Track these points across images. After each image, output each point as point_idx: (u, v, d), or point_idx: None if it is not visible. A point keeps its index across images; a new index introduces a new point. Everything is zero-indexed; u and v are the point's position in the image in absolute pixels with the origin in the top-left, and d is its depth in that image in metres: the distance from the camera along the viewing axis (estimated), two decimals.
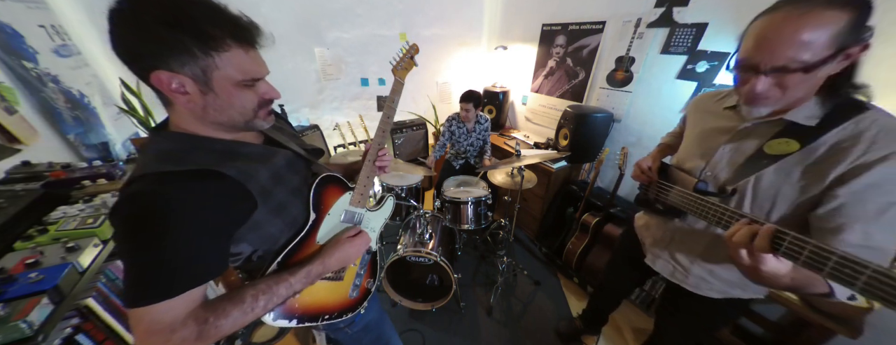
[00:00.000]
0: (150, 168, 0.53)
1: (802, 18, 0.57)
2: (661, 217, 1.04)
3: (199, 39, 0.48)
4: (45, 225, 0.89)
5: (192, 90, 0.51)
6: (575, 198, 2.32)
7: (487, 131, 2.45)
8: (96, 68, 1.68)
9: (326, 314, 0.83)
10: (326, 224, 0.77)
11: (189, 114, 0.56)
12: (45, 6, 1.43)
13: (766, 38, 0.61)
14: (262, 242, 0.66)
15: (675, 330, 1.24)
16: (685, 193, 0.87)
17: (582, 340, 1.80)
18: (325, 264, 0.71)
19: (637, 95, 2.06)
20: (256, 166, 0.61)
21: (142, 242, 0.49)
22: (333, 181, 0.79)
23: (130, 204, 0.50)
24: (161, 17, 0.45)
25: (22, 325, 0.63)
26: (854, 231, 0.62)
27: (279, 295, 0.63)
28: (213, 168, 0.55)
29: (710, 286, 0.95)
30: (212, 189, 0.54)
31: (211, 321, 0.53)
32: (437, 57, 3.05)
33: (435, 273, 1.84)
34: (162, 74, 0.48)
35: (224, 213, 0.56)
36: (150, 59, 0.47)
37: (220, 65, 0.51)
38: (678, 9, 1.73)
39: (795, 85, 0.63)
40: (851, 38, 0.58)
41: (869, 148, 0.62)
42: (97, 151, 1.45)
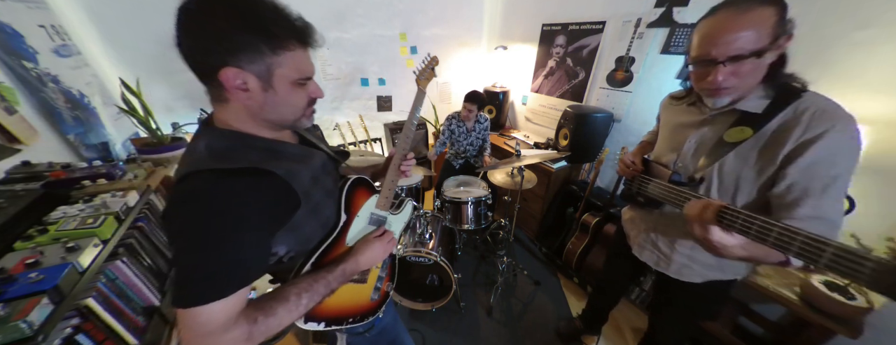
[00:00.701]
0: (205, 165, 0.52)
1: (744, 15, 0.69)
2: (643, 209, 1.12)
3: (269, 39, 0.50)
4: (45, 225, 0.89)
5: (254, 87, 0.52)
6: (575, 198, 2.32)
7: (487, 131, 2.45)
8: (96, 68, 1.68)
9: (350, 318, 0.83)
10: (355, 226, 0.78)
11: (243, 111, 0.56)
12: (45, 6, 1.43)
13: (717, 35, 0.72)
14: (297, 244, 0.66)
15: (667, 321, 1.28)
16: (661, 185, 0.97)
17: (582, 340, 1.80)
18: (358, 262, 0.72)
19: (637, 95, 2.06)
20: (299, 166, 0.62)
21: (201, 239, 0.49)
22: (362, 184, 0.80)
23: (190, 201, 0.50)
24: (234, 16, 0.48)
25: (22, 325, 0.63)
26: (806, 205, 0.72)
27: (319, 293, 0.64)
28: (264, 167, 0.55)
29: (692, 271, 1.03)
30: (264, 188, 0.55)
31: (260, 321, 0.53)
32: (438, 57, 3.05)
33: (435, 273, 1.84)
34: (230, 71, 0.50)
35: (272, 212, 0.57)
36: (220, 56, 0.49)
37: (282, 63, 0.53)
38: (678, 9, 1.73)
39: (749, 72, 0.73)
40: (781, 30, 0.69)
41: (807, 127, 0.71)
42: (97, 151, 1.44)
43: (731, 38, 0.69)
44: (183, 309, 0.48)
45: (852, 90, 1.26)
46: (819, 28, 1.31)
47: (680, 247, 1.03)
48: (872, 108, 1.22)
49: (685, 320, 1.25)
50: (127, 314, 0.92)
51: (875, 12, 1.18)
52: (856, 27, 1.23)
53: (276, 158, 0.59)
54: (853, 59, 1.25)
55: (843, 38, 1.26)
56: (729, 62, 0.72)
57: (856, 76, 1.25)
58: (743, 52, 0.70)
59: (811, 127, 0.71)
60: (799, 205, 0.72)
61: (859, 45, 1.23)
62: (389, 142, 3.01)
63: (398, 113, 3.10)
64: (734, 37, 0.69)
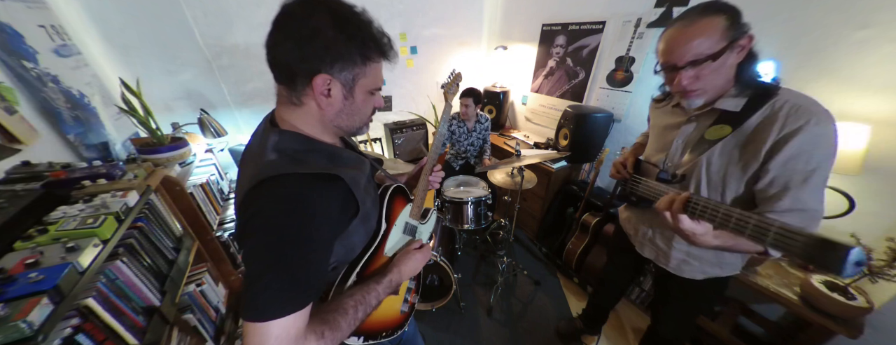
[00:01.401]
0: (286, 168, 0.51)
1: (692, 26, 0.76)
2: (636, 208, 1.17)
3: (364, 52, 0.53)
4: (45, 225, 0.88)
5: (336, 94, 0.55)
6: (575, 198, 2.32)
7: (487, 131, 2.45)
8: (96, 68, 1.68)
9: (384, 331, 0.80)
10: (393, 235, 0.77)
11: (315, 115, 0.57)
12: (45, 6, 1.42)
13: (674, 45, 0.79)
14: (345, 253, 0.65)
15: (668, 318, 1.29)
16: (649, 183, 1.01)
17: (582, 339, 1.80)
18: (401, 273, 0.71)
19: (637, 95, 2.06)
20: (356, 173, 0.61)
21: (279, 247, 0.47)
22: (401, 192, 0.80)
23: (270, 207, 0.48)
24: (340, 27, 0.50)
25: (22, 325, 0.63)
26: (787, 198, 0.76)
27: (371, 305, 0.62)
28: (334, 172, 0.55)
29: (691, 268, 1.07)
30: (336, 194, 0.55)
31: (327, 335, 0.52)
32: (437, 57, 3.05)
33: (435, 273, 1.84)
34: (322, 78, 0.52)
35: (339, 219, 0.57)
36: (319, 62, 0.51)
37: (366, 74, 0.56)
38: (678, 9, 1.73)
39: (710, 73, 0.79)
40: (736, 33, 0.74)
41: (785, 123, 0.75)
42: (97, 151, 1.44)
43: (686, 47, 0.76)
44: (257, 323, 0.45)
45: (852, 90, 1.26)
46: (819, 28, 1.31)
47: (677, 242, 1.06)
48: (872, 108, 1.22)
49: (685, 317, 1.27)
50: (127, 314, 0.92)
51: (875, 12, 1.18)
52: (856, 27, 1.23)
53: (339, 163, 0.59)
54: (853, 60, 1.25)
55: (844, 39, 1.26)
56: (689, 66, 0.78)
57: (856, 76, 1.25)
58: (698, 57, 0.76)
59: (788, 122, 0.74)
60: (780, 198, 0.77)
61: (859, 45, 1.23)
62: (389, 142, 3.01)
63: (398, 113, 3.10)
64: (688, 46, 0.76)
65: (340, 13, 0.51)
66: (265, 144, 0.55)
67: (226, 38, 2.09)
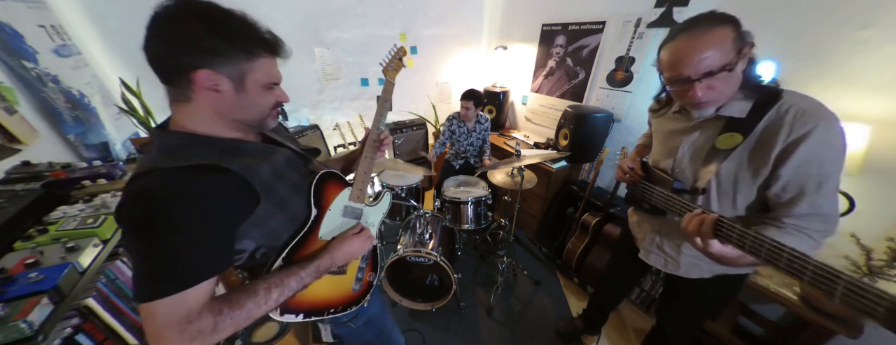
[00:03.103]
0: (155, 164, 0.54)
1: (704, 37, 0.73)
2: (647, 214, 1.14)
3: (242, 48, 0.56)
4: (45, 225, 0.89)
5: (226, 89, 0.57)
6: (575, 198, 2.32)
7: (487, 131, 2.45)
8: (96, 68, 1.68)
9: (331, 308, 0.84)
10: (328, 220, 0.79)
11: (209, 111, 0.59)
12: (45, 6, 1.42)
13: (684, 58, 0.76)
14: (265, 239, 0.68)
15: (677, 316, 1.28)
16: (665, 194, 0.99)
17: (582, 340, 1.80)
18: (333, 258, 0.74)
19: (637, 95, 2.06)
20: (258, 162, 0.64)
21: (150, 237, 0.50)
22: (333, 177, 0.81)
23: (137, 200, 0.52)
24: (209, 25, 0.53)
25: (22, 325, 0.63)
26: (803, 203, 0.76)
27: (291, 288, 0.65)
28: (215, 163, 0.57)
29: (701, 269, 1.05)
30: (215, 183, 0.56)
31: (226, 312, 0.55)
32: (437, 57, 3.05)
33: (435, 273, 1.84)
34: (203, 73, 0.54)
35: (228, 206, 0.58)
36: (196, 59, 0.53)
37: (255, 69, 0.59)
38: (678, 9, 1.73)
39: (724, 83, 0.77)
40: (741, 42, 0.74)
41: (792, 128, 0.74)
42: (97, 151, 1.44)
43: (698, 59, 0.74)
44: (143, 303, 0.49)
45: (852, 90, 1.26)
46: (819, 28, 1.31)
47: (686, 249, 1.04)
48: (872, 108, 1.22)
49: (694, 315, 1.25)
50: (127, 314, 0.92)
51: (875, 12, 1.18)
52: (856, 27, 1.23)
53: (232, 154, 0.61)
54: (853, 60, 1.25)
55: (844, 39, 1.26)
56: (704, 78, 0.76)
57: (856, 76, 1.25)
58: (713, 69, 0.74)
59: (796, 127, 0.73)
60: (796, 203, 0.76)
61: (859, 46, 1.23)
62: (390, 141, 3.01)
63: (398, 113, 3.10)
64: (700, 58, 0.73)
65: (212, 14, 0.54)
66: (151, 147, 0.59)
67: None
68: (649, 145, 1.22)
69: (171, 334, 0.50)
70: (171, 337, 0.50)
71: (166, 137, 0.59)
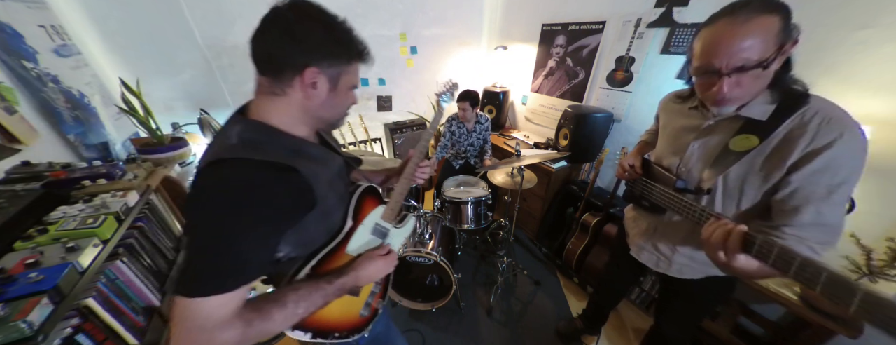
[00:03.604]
0: (237, 153, 0.53)
1: (747, 24, 0.66)
2: (647, 212, 1.11)
3: (348, 52, 0.61)
4: (45, 225, 0.89)
5: (322, 88, 0.60)
6: (575, 198, 2.32)
7: (488, 131, 2.45)
8: (96, 68, 1.68)
9: (337, 332, 0.79)
10: (358, 234, 0.76)
11: (296, 106, 0.61)
12: (45, 6, 1.42)
13: (720, 46, 0.69)
14: (300, 246, 0.66)
15: (673, 316, 1.28)
16: (666, 192, 0.96)
17: (582, 339, 1.80)
18: (358, 276, 0.70)
19: (637, 95, 2.06)
20: (319, 168, 0.64)
21: (223, 229, 0.49)
22: (372, 192, 0.81)
23: (221, 187, 0.50)
24: (326, 29, 0.57)
25: (22, 325, 0.63)
26: (808, 211, 0.71)
27: (315, 304, 0.62)
28: (290, 163, 0.56)
29: (692, 270, 1.04)
30: (287, 184, 0.56)
31: (256, 324, 0.52)
32: (437, 57, 3.05)
33: (435, 273, 1.84)
34: (311, 71, 0.57)
35: (289, 210, 0.57)
36: (309, 57, 0.56)
37: (349, 72, 0.63)
38: (678, 9, 1.73)
39: (753, 81, 0.72)
40: (786, 36, 0.67)
41: (814, 137, 0.70)
42: (97, 151, 1.44)
43: (735, 49, 0.67)
44: (186, 298, 0.47)
45: (852, 90, 1.26)
46: (820, 28, 1.31)
47: (682, 249, 1.03)
48: (872, 108, 1.22)
49: (691, 316, 1.25)
50: (127, 314, 0.92)
51: (875, 13, 1.18)
52: (856, 27, 1.23)
53: (299, 156, 0.60)
54: (854, 60, 1.25)
55: (844, 39, 1.26)
56: (734, 73, 0.70)
57: (856, 76, 1.25)
58: (748, 63, 0.67)
59: (819, 136, 0.69)
60: (800, 211, 0.72)
61: (860, 46, 1.23)
62: (389, 142, 3.01)
63: (398, 113, 3.10)
64: (738, 47, 0.66)
65: (327, 18, 0.58)
66: (230, 131, 0.58)
67: (226, 38, 2.09)
68: (652, 143, 1.20)
69: (200, 340, 0.47)
70: (198, 342, 0.47)
71: (248, 126, 0.59)
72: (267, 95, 0.59)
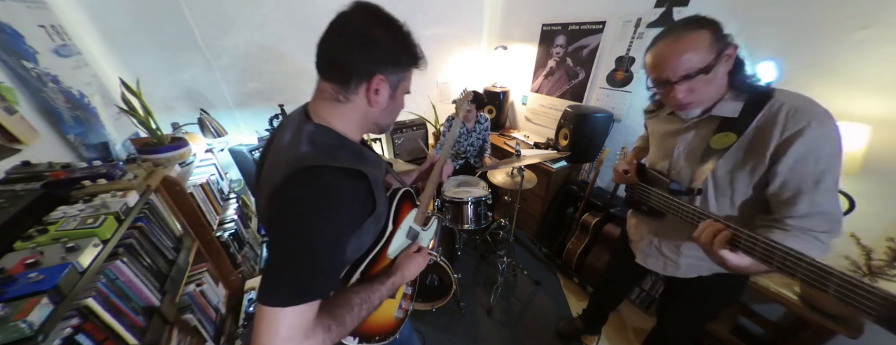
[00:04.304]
0: (324, 160, 0.53)
1: (680, 42, 0.77)
2: (645, 216, 1.14)
3: (410, 60, 0.62)
4: (45, 225, 0.88)
5: (384, 93, 0.60)
6: (575, 198, 2.32)
7: (487, 131, 2.45)
8: (96, 68, 1.68)
9: (377, 336, 0.79)
10: (397, 238, 0.77)
11: (356, 112, 0.61)
12: (45, 6, 1.42)
13: (663, 62, 0.79)
14: (354, 250, 0.65)
15: (676, 320, 1.28)
16: (661, 195, 0.99)
17: (582, 340, 1.80)
18: (404, 275, 0.72)
19: (637, 95, 2.06)
20: (377, 173, 0.63)
21: (309, 234, 0.48)
22: (408, 197, 0.81)
23: (307, 195, 0.49)
24: (393, 36, 0.58)
25: (22, 325, 0.63)
26: (803, 201, 0.76)
27: (372, 304, 0.63)
28: (360, 169, 0.56)
29: (701, 268, 1.06)
30: (359, 189, 0.57)
31: (333, 330, 0.52)
32: (437, 57, 3.04)
33: (435, 273, 1.84)
34: (378, 78, 0.57)
35: (360, 214, 0.59)
36: (379, 65, 0.57)
37: (407, 78, 0.64)
38: (678, 9, 1.73)
39: (704, 85, 0.80)
40: (721, 46, 0.76)
41: (785, 125, 0.75)
42: (97, 151, 1.44)
43: (677, 62, 0.77)
44: (274, 308, 0.45)
45: (852, 90, 1.26)
46: (819, 28, 1.31)
47: (686, 250, 1.04)
48: (872, 108, 1.22)
49: (694, 317, 1.25)
50: (127, 314, 0.92)
51: (875, 12, 1.18)
52: (856, 27, 1.23)
53: (362, 161, 0.61)
54: (853, 60, 1.25)
55: (844, 39, 1.26)
56: (682, 80, 0.79)
57: (856, 76, 1.25)
58: (691, 72, 0.77)
59: (789, 125, 0.74)
60: (796, 202, 0.76)
61: (859, 46, 1.23)
62: (389, 142, 3.01)
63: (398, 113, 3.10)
64: (678, 61, 0.76)
65: (393, 24, 0.58)
66: (300, 135, 0.57)
67: (226, 38, 2.09)
68: (646, 148, 1.23)
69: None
70: None
71: (319, 132, 0.58)
72: (330, 101, 0.59)
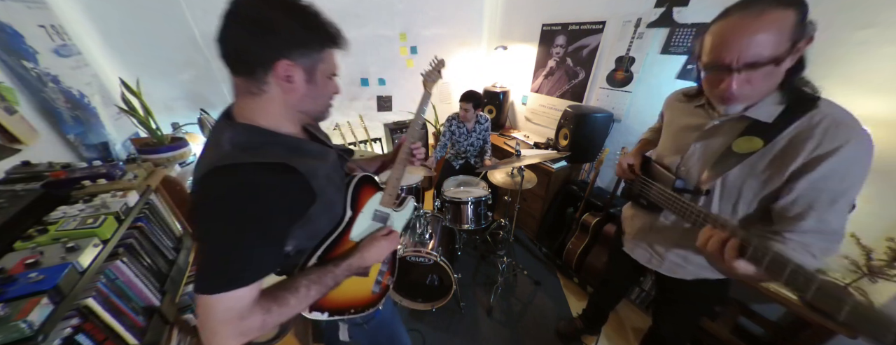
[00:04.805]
0: (234, 159, 0.54)
1: (759, 18, 0.63)
2: (644, 211, 1.11)
3: (319, 39, 0.58)
4: (45, 225, 0.88)
5: (299, 80, 0.58)
6: (575, 198, 2.32)
7: (487, 131, 2.45)
8: (96, 68, 1.68)
9: (353, 308, 0.87)
10: (359, 222, 0.81)
11: (278, 103, 0.59)
12: (45, 6, 1.42)
13: (731, 40, 0.66)
14: (307, 237, 0.70)
15: (670, 317, 1.29)
16: (664, 192, 0.95)
17: (582, 340, 1.80)
18: (363, 257, 0.75)
19: (637, 95, 2.06)
20: (318, 164, 0.66)
21: (229, 230, 0.52)
22: (368, 181, 0.83)
23: (222, 193, 0.52)
24: (294, 17, 0.54)
25: (22, 325, 0.63)
26: (811, 218, 0.70)
27: (326, 285, 0.67)
28: (287, 162, 0.58)
29: (684, 271, 1.04)
30: (285, 183, 0.57)
31: (274, 310, 0.57)
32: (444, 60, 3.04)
33: (435, 273, 1.84)
34: (283, 64, 0.55)
35: (292, 207, 0.60)
36: (278, 49, 0.54)
37: (324, 59, 0.60)
38: (678, 9, 1.73)
39: (763, 79, 0.69)
40: (800, 33, 0.64)
41: (821, 142, 0.67)
42: (97, 151, 1.44)
43: (746, 44, 0.64)
44: (206, 296, 0.51)
45: (852, 90, 1.26)
46: (820, 28, 1.31)
47: (677, 248, 1.03)
48: (872, 108, 1.22)
49: (687, 316, 1.25)
50: (127, 314, 0.92)
51: (876, 12, 1.18)
52: (857, 27, 1.22)
53: (298, 154, 0.62)
54: (854, 60, 1.25)
55: (844, 39, 1.26)
56: (744, 69, 0.67)
57: (856, 76, 1.25)
58: (760, 59, 0.65)
59: (825, 142, 0.67)
60: (803, 218, 0.71)
61: (860, 46, 1.23)
62: (389, 142, 3.01)
63: (398, 113, 3.10)
64: (749, 42, 0.64)
65: (292, 5, 0.55)
66: (220, 138, 0.58)
67: None
68: (654, 141, 1.19)
69: (227, 331, 0.52)
70: (227, 333, 0.52)
71: (239, 130, 0.59)
72: (246, 96, 0.58)
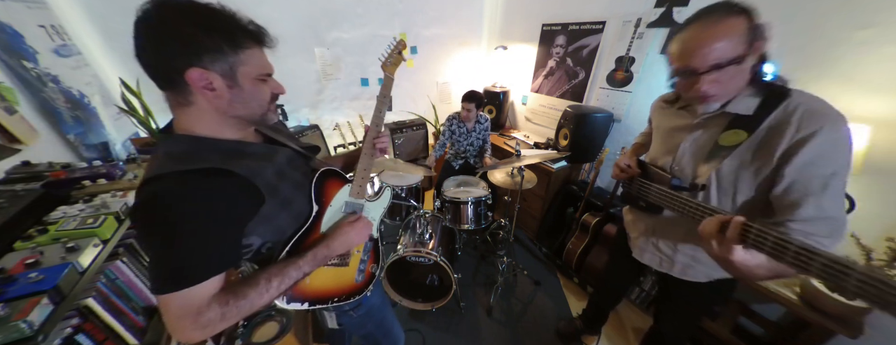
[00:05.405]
0: (163, 169, 0.56)
1: (716, 26, 0.72)
2: (643, 212, 1.12)
3: (228, 39, 0.55)
4: (45, 225, 0.88)
5: (220, 86, 0.56)
6: (575, 198, 2.32)
7: (487, 131, 2.45)
8: (96, 68, 1.68)
9: (335, 297, 0.89)
10: (329, 216, 0.82)
11: (210, 111, 0.60)
12: (45, 6, 1.42)
13: (694, 48, 0.74)
14: (271, 234, 0.72)
15: (671, 318, 1.28)
16: (662, 190, 0.97)
17: (582, 340, 1.80)
18: (329, 247, 0.76)
19: (637, 95, 2.06)
20: (262, 164, 0.66)
21: (162, 238, 0.54)
22: (333, 175, 0.84)
23: (149, 204, 0.54)
24: (194, 22, 0.52)
25: (22, 325, 0.63)
26: (808, 205, 0.73)
27: (290, 277, 0.68)
28: (222, 166, 0.59)
29: (696, 271, 1.04)
30: (221, 185, 0.58)
31: (231, 303, 0.59)
32: (437, 57, 3.05)
33: (435, 273, 1.84)
34: (195, 72, 0.53)
35: (233, 207, 0.60)
36: (185, 58, 0.53)
37: (244, 61, 0.58)
38: (678, 9, 1.73)
39: (731, 78, 0.76)
40: (755, 35, 0.72)
41: (799, 127, 0.73)
42: (97, 151, 1.44)
43: (707, 50, 0.72)
44: (160, 295, 0.54)
45: (852, 90, 1.26)
46: (820, 28, 1.31)
47: (682, 248, 1.03)
48: (872, 108, 1.22)
49: (688, 317, 1.25)
50: (127, 314, 0.92)
51: (875, 12, 1.18)
52: (856, 27, 1.23)
53: (237, 157, 0.62)
54: (854, 60, 1.25)
55: (844, 39, 1.26)
56: (711, 71, 0.74)
57: (856, 76, 1.25)
58: (722, 61, 0.72)
59: (802, 126, 0.72)
60: (801, 205, 0.74)
61: (860, 46, 1.23)
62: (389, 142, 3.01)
63: (398, 113, 3.10)
64: (710, 48, 0.72)
65: (191, 10, 0.53)
66: (158, 151, 0.61)
67: None
68: (646, 144, 1.22)
69: (186, 324, 0.55)
70: (185, 327, 0.55)
71: (172, 141, 0.61)
72: (178, 108, 0.60)
